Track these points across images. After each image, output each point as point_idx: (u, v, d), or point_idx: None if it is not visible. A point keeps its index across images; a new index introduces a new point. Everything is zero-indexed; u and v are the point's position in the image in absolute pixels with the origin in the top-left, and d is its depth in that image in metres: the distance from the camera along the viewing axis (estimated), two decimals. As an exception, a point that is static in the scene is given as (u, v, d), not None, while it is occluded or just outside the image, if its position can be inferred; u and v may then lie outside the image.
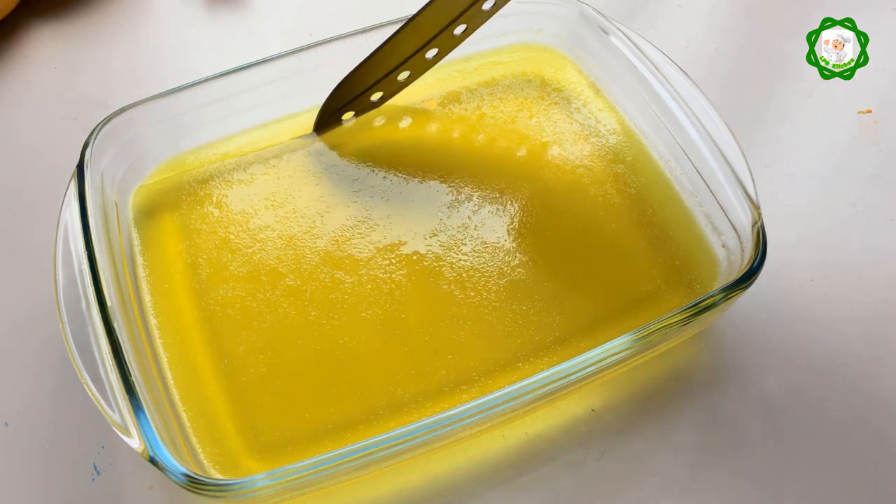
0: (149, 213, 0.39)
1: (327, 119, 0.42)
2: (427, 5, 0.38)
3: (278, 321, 0.35)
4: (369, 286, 0.36)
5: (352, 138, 0.42)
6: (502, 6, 0.39)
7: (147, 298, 0.36)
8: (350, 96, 0.41)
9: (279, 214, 0.39)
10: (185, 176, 0.40)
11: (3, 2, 0.48)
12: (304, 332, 0.35)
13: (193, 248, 0.38)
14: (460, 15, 0.39)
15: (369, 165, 0.41)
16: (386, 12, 0.42)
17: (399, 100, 0.43)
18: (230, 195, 0.40)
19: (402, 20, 0.39)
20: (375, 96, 0.42)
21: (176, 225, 0.39)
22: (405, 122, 0.43)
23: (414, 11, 0.38)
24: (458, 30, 0.40)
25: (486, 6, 0.38)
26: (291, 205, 0.39)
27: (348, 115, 0.42)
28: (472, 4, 0.38)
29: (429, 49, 0.40)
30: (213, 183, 0.40)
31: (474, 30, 0.40)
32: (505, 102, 0.43)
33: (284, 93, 0.41)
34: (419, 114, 0.43)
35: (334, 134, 0.42)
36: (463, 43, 0.43)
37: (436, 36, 0.39)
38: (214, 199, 0.39)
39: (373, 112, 0.43)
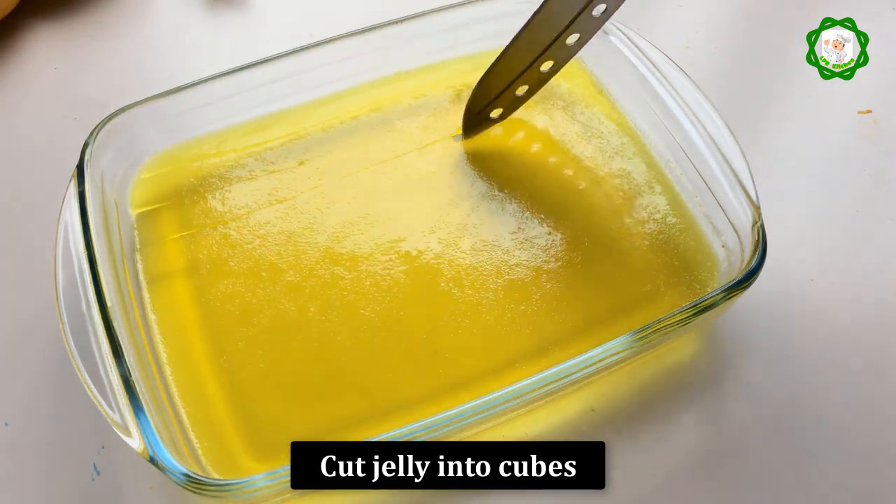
0: (149, 212, 0.39)
1: (474, 118, 0.41)
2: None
3: (278, 317, 0.35)
4: (368, 283, 0.36)
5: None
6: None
7: (147, 296, 0.36)
8: (495, 91, 0.40)
9: (278, 210, 0.39)
10: (184, 174, 0.40)
11: (3, 2, 0.48)
12: (304, 329, 0.35)
13: (193, 244, 0.38)
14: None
15: (368, 165, 0.41)
16: (385, 12, 0.42)
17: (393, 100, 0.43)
18: (229, 193, 0.40)
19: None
20: (521, 90, 0.41)
21: (176, 222, 0.39)
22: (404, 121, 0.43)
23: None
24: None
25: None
26: (291, 201, 0.39)
27: (496, 112, 0.42)
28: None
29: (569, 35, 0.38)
30: (213, 181, 0.40)
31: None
32: (505, 102, 0.43)
33: (284, 92, 0.41)
34: (414, 113, 0.43)
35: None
36: (463, 43, 0.44)
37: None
38: (214, 197, 0.39)
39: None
